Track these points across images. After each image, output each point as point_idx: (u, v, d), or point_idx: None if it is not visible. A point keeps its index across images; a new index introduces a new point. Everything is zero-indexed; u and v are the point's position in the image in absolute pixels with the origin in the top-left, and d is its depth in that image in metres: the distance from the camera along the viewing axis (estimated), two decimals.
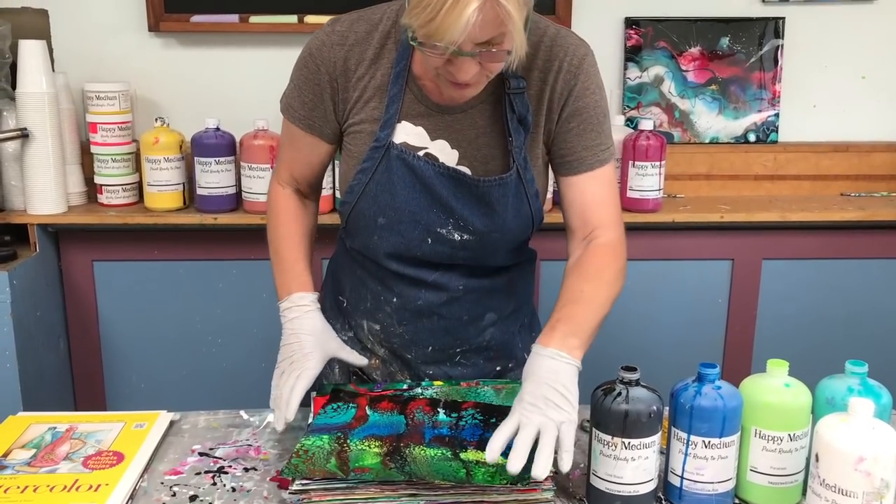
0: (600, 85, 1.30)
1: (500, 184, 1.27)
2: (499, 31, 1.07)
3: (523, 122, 1.27)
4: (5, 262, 2.02)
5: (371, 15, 1.29)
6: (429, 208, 1.29)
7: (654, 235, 2.26)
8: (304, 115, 1.32)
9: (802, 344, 2.32)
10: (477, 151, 1.28)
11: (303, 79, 1.31)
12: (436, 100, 1.28)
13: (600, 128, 1.29)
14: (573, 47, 1.27)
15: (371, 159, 1.28)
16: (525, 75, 1.26)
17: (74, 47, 2.29)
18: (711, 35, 2.35)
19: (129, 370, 2.34)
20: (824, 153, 2.39)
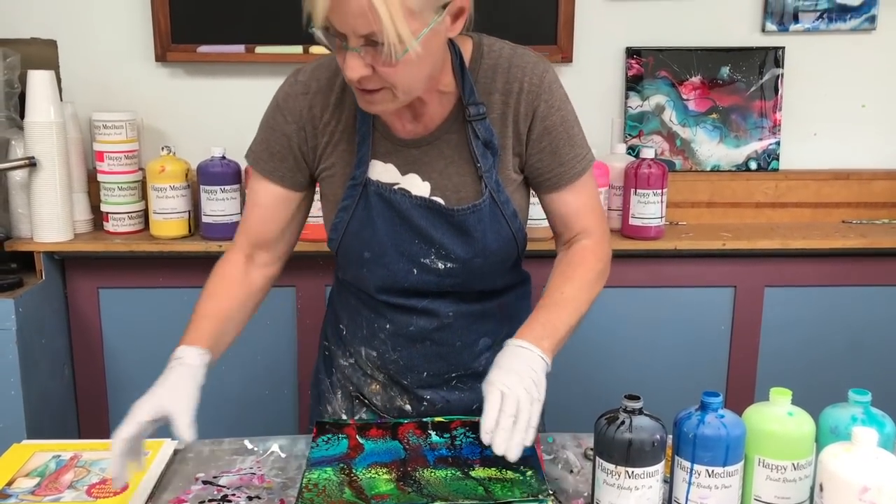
0: (564, 98, 1.31)
1: (475, 210, 1.29)
2: (373, 25, 1.05)
3: (489, 146, 1.28)
4: (11, 290, 2.03)
5: (330, 62, 1.31)
6: (410, 240, 1.31)
7: (657, 263, 2.27)
8: (274, 167, 1.32)
9: (805, 371, 2.32)
10: (448, 181, 1.29)
11: (270, 129, 1.32)
12: (401, 135, 1.29)
13: (571, 140, 1.31)
14: (531, 66, 1.28)
15: (350, 198, 1.30)
16: (485, 100, 1.27)
17: (82, 77, 2.31)
18: (712, 64, 2.38)
19: (133, 397, 2.32)
20: (825, 181, 2.41)
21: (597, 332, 2.31)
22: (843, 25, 2.37)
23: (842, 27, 2.37)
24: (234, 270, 1.37)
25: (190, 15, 2.25)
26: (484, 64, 1.28)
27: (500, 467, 1.19)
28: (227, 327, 1.34)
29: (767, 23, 2.36)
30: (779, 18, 2.36)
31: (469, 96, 1.26)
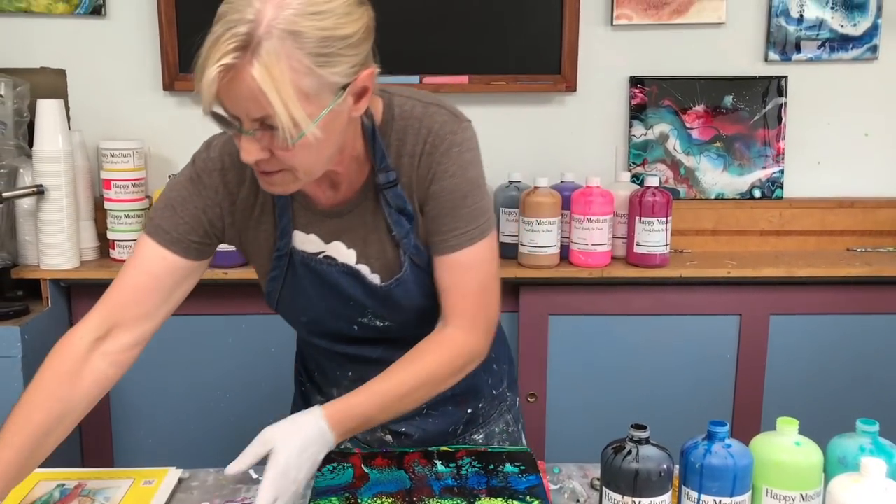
0: (465, 163, 1.20)
1: (399, 283, 1.24)
2: (265, 109, 1.00)
3: (403, 212, 1.21)
4: (17, 318, 2.04)
5: None
6: (343, 305, 1.27)
7: (662, 290, 2.27)
8: (178, 238, 1.22)
9: (812, 400, 2.31)
10: (371, 248, 1.24)
11: (181, 201, 1.23)
12: (321, 204, 1.24)
13: (455, 212, 1.20)
14: (438, 126, 1.19)
15: (277, 268, 1.27)
16: (397, 163, 1.20)
17: (91, 106, 2.33)
18: (715, 93, 2.39)
19: (137, 425, 2.34)
20: (829, 209, 2.41)
21: (601, 360, 2.31)
22: (846, 55, 2.39)
23: (844, 57, 2.39)
24: (68, 364, 1.19)
25: (198, 45, 2.27)
26: (396, 126, 1.21)
27: (507, 497, 1.18)
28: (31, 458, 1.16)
29: (770, 52, 2.38)
30: (781, 48, 2.38)
31: (380, 163, 1.19)
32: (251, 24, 0.98)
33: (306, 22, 1.00)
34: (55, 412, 1.17)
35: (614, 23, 2.34)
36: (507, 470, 1.27)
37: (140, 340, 1.25)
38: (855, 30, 2.37)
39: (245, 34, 0.98)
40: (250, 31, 0.98)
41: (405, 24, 2.29)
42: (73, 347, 1.20)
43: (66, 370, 1.18)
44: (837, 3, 2.36)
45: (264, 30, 0.98)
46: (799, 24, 2.37)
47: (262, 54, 0.98)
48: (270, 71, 0.98)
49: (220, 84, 0.99)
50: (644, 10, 2.33)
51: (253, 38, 0.98)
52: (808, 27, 2.37)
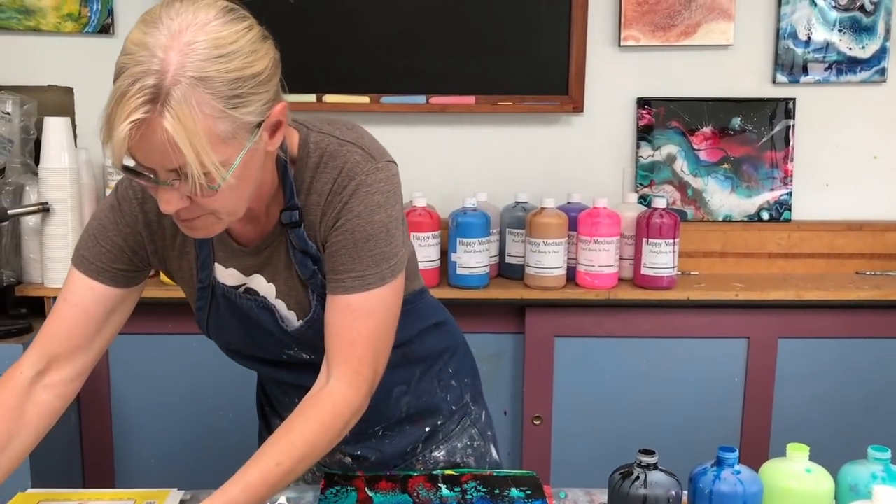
0: (370, 206, 1.14)
1: (311, 325, 1.21)
2: (180, 159, 0.97)
3: (307, 254, 1.17)
4: (21, 335, 2.03)
5: None
6: (267, 338, 1.25)
7: (669, 313, 2.25)
8: (102, 268, 1.21)
9: (822, 426, 2.28)
10: (286, 284, 1.21)
11: (102, 230, 1.22)
12: (237, 242, 1.22)
13: (356, 254, 1.14)
14: (351, 165, 1.15)
15: (202, 299, 1.25)
16: (305, 200, 1.16)
17: (97, 124, 2.33)
18: (723, 114, 2.38)
19: (139, 444, 2.32)
20: (838, 232, 2.40)
21: (608, 383, 2.28)
22: (854, 77, 2.38)
23: (852, 79, 2.38)
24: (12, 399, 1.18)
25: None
26: (310, 162, 1.16)
27: None
28: None
29: (778, 74, 2.37)
30: (789, 70, 2.37)
31: (288, 200, 1.15)
32: (158, 74, 0.94)
33: (214, 66, 0.97)
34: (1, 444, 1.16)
35: (622, 44, 2.34)
36: (513, 495, 1.25)
37: (80, 372, 1.24)
38: (863, 52, 2.37)
39: (153, 86, 0.94)
40: (158, 83, 0.94)
41: (412, 44, 2.29)
42: (14, 383, 1.19)
43: (11, 405, 1.18)
44: (845, 26, 2.35)
45: (172, 79, 0.94)
46: (807, 47, 2.36)
47: (172, 105, 0.94)
48: (183, 121, 0.95)
49: (132, 140, 0.95)
50: (652, 32, 2.33)
51: (161, 89, 0.94)
52: (816, 49, 2.36)
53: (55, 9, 2.27)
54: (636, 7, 2.32)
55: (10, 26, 2.27)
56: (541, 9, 2.29)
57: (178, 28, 0.97)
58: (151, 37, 0.97)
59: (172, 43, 0.96)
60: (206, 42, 0.97)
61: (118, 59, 0.99)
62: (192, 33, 0.97)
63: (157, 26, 0.97)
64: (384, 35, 2.28)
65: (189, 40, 0.96)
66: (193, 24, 0.98)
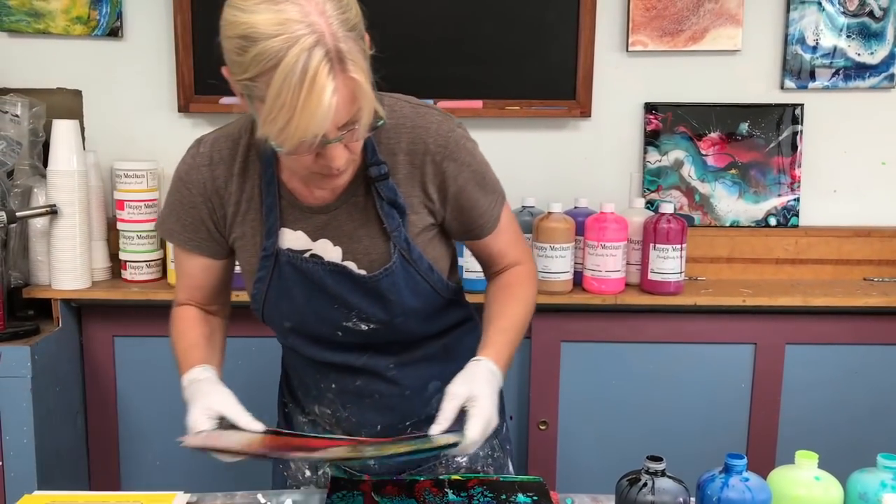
0: (471, 151, 1.28)
1: (387, 274, 1.25)
2: (354, 107, 1.06)
3: (395, 205, 1.24)
4: (28, 337, 2.03)
5: (230, 131, 1.29)
6: (328, 307, 1.28)
7: (676, 318, 2.25)
8: (189, 238, 1.31)
9: (829, 432, 2.27)
10: (358, 244, 1.26)
11: (178, 203, 1.30)
12: (308, 203, 1.26)
13: (485, 189, 1.30)
14: (435, 126, 1.24)
15: (264, 268, 1.28)
16: (389, 160, 1.24)
17: (106, 126, 2.35)
18: (731, 120, 2.38)
19: (145, 447, 2.33)
20: (846, 238, 2.39)
21: (615, 388, 2.28)
22: (862, 83, 2.37)
23: (860, 85, 2.37)
24: (191, 313, 1.38)
25: (213, 67, 2.27)
26: (387, 124, 1.22)
27: None
28: (210, 351, 1.35)
29: (786, 80, 2.37)
30: (797, 76, 2.37)
31: (371, 157, 1.23)
32: (319, 42, 1.01)
33: (348, 14, 1.06)
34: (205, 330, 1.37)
35: (629, 49, 2.34)
36: (520, 500, 1.25)
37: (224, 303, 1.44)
38: (872, 58, 2.36)
39: (325, 52, 1.01)
40: (326, 47, 1.01)
41: (420, 48, 2.30)
42: (185, 309, 1.38)
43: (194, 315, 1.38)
44: (854, 32, 2.35)
45: (332, 39, 1.02)
46: (815, 52, 2.36)
47: (349, 59, 1.03)
48: (362, 68, 1.05)
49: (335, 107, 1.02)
50: (659, 37, 2.33)
51: (332, 52, 1.02)
52: (824, 55, 2.36)
53: (64, 12, 2.28)
54: (644, 12, 2.32)
55: (20, 29, 2.28)
56: (549, 14, 2.29)
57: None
58: (288, 13, 1.02)
59: (310, 8, 1.02)
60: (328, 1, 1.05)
61: (260, 47, 1.02)
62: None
63: (283, 2, 1.02)
64: (392, 41, 2.27)
65: (317, 2, 1.03)
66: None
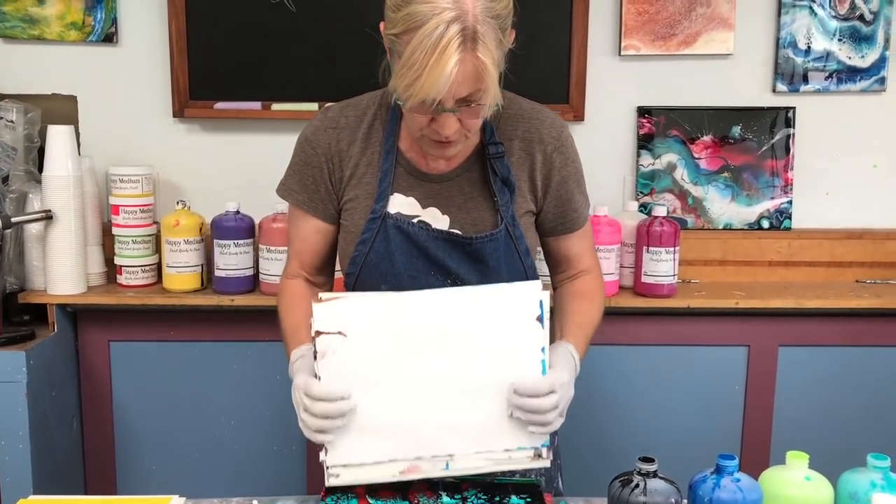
0: (576, 152, 1.44)
1: (492, 239, 1.35)
2: (476, 86, 1.18)
3: (507, 182, 1.36)
4: (23, 342, 2.03)
5: (358, 102, 1.42)
6: (426, 271, 1.37)
7: (670, 321, 2.26)
8: (307, 198, 1.41)
9: (822, 433, 2.29)
10: (466, 215, 1.37)
11: (301, 163, 1.41)
12: (424, 170, 1.38)
13: (581, 189, 1.45)
14: (549, 120, 1.41)
15: (369, 230, 1.36)
16: (505, 142, 1.38)
17: (101, 132, 2.35)
18: (723, 123, 2.39)
19: (141, 452, 2.33)
20: (838, 240, 2.40)
21: (608, 390, 2.29)
22: (853, 86, 2.39)
23: (852, 88, 2.39)
24: (300, 288, 1.46)
25: (208, 73, 2.29)
26: (506, 113, 1.38)
27: None
28: None
29: (778, 83, 2.38)
30: (789, 79, 2.38)
31: (489, 137, 1.36)
32: (460, 18, 1.14)
33: (496, 5, 1.18)
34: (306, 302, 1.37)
35: (622, 53, 2.35)
36: (513, 502, 1.25)
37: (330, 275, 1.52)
38: (863, 62, 2.38)
39: (462, 28, 1.14)
40: (465, 25, 1.14)
41: None
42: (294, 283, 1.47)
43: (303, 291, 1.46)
44: (845, 35, 2.36)
45: (472, 19, 1.15)
46: (806, 56, 2.37)
47: (481, 41, 1.15)
48: (491, 52, 1.17)
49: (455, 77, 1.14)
50: (652, 41, 2.35)
51: (469, 30, 1.15)
52: (816, 58, 2.37)
53: (59, 18, 2.29)
54: (636, 17, 2.33)
55: (15, 35, 2.29)
56: (542, 18, 2.30)
57: None
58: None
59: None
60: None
61: (411, 8, 1.17)
62: None
63: None
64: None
65: None
66: None
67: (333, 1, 2.25)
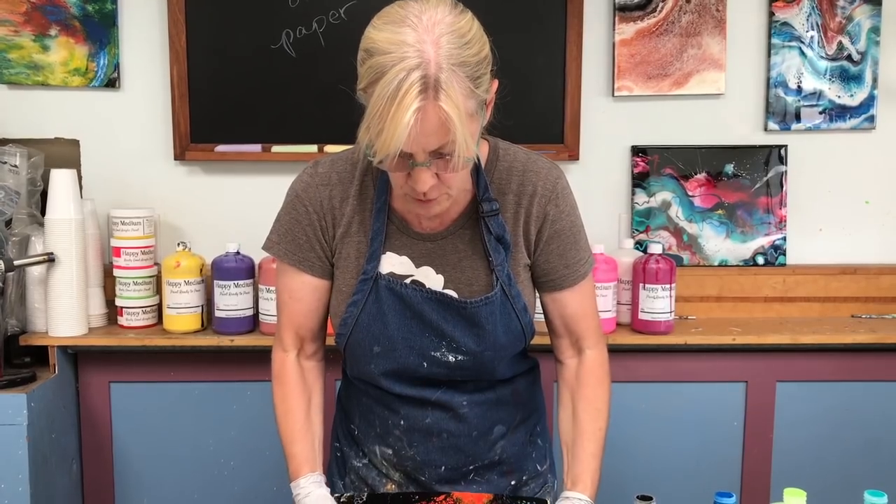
0: (573, 204, 1.39)
1: (487, 303, 1.32)
2: (444, 137, 1.13)
3: (501, 241, 1.33)
4: (24, 385, 2.04)
5: (350, 155, 1.37)
6: (421, 333, 1.33)
7: (667, 357, 2.27)
8: (302, 257, 1.37)
9: (820, 469, 2.28)
10: (461, 274, 1.33)
11: (293, 221, 1.37)
12: (417, 229, 1.34)
13: (577, 245, 1.38)
14: (545, 171, 1.36)
15: (360, 291, 1.33)
16: (499, 198, 1.33)
17: (103, 175, 2.38)
18: (716, 161, 2.43)
19: (140, 493, 2.32)
20: (833, 276, 2.42)
21: None
22: (844, 124, 2.43)
23: (842, 126, 2.43)
24: (295, 377, 1.43)
25: (208, 116, 2.33)
26: (500, 166, 1.35)
27: None
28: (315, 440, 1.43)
29: (769, 122, 2.42)
30: (781, 118, 2.42)
31: (483, 193, 1.32)
32: (424, 66, 1.10)
33: (463, 52, 1.13)
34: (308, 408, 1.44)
35: (615, 94, 2.39)
36: None
37: (322, 345, 1.48)
38: (852, 100, 2.42)
39: (423, 76, 1.09)
40: (426, 73, 1.09)
41: None
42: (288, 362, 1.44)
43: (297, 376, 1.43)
44: (834, 75, 2.41)
45: (435, 68, 1.10)
46: (797, 95, 2.42)
47: (444, 89, 1.10)
48: (455, 102, 1.11)
49: (414, 126, 1.09)
50: (644, 82, 2.39)
51: (430, 78, 1.10)
52: (806, 97, 2.42)
53: (63, 64, 2.33)
54: (629, 58, 2.38)
55: (19, 81, 2.33)
56: (537, 61, 2.35)
57: (427, 24, 1.12)
58: (404, 35, 1.11)
59: (426, 37, 1.11)
60: (452, 33, 1.13)
61: (373, 61, 1.12)
62: (439, 27, 1.12)
63: (405, 25, 1.12)
64: None
65: (439, 33, 1.12)
66: (437, 19, 1.13)
67: (331, 46, 2.29)
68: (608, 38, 2.39)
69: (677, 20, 2.37)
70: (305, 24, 2.29)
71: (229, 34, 2.31)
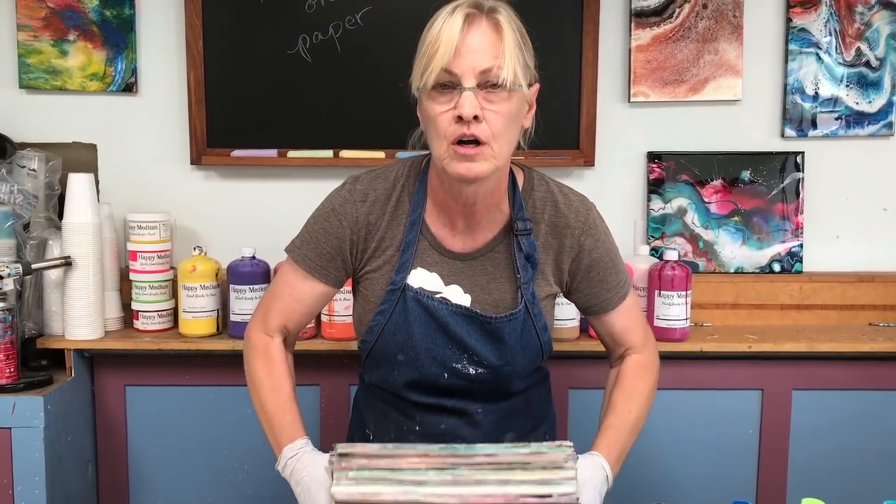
0: (606, 231, 1.46)
1: (511, 319, 1.35)
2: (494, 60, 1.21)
3: (530, 259, 1.37)
4: (41, 387, 2.05)
5: (388, 172, 1.41)
6: (444, 345, 1.36)
7: (683, 365, 2.26)
8: (321, 265, 1.41)
9: (838, 478, 2.26)
10: (488, 296, 1.37)
11: (322, 231, 1.40)
12: (448, 247, 1.38)
13: (616, 268, 1.46)
14: (577, 204, 1.43)
15: (388, 301, 1.36)
16: (532, 224, 1.39)
17: (120, 179, 2.39)
18: (732, 168, 2.42)
19: (155, 496, 2.33)
20: (850, 283, 2.40)
21: None
22: (861, 131, 2.41)
23: (860, 133, 2.41)
24: (282, 358, 1.47)
25: (225, 121, 2.34)
26: (535, 194, 1.41)
27: None
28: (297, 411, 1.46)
29: (786, 128, 2.41)
30: (797, 124, 2.41)
31: (518, 212, 1.38)
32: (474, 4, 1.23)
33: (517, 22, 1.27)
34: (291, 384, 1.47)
35: (631, 100, 2.39)
36: None
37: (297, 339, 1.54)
38: (870, 107, 2.40)
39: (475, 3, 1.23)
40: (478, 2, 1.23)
41: None
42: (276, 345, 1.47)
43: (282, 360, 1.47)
44: (852, 81, 2.39)
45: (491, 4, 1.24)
46: (814, 101, 2.40)
47: (498, 11, 1.23)
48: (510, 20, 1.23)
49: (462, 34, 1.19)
50: (660, 88, 2.38)
51: (483, 6, 1.23)
52: (823, 103, 2.40)
53: (81, 69, 2.35)
54: (645, 64, 2.37)
55: (38, 86, 2.35)
56: (552, 67, 2.34)
57: None
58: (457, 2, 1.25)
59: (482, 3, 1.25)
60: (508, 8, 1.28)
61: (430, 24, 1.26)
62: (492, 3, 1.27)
63: None
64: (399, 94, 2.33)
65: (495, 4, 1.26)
66: None
67: (347, 51, 2.30)
68: (624, 43, 2.39)
69: (694, 26, 2.37)
70: (322, 30, 2.29)
71: (246, 39, 2.32)
